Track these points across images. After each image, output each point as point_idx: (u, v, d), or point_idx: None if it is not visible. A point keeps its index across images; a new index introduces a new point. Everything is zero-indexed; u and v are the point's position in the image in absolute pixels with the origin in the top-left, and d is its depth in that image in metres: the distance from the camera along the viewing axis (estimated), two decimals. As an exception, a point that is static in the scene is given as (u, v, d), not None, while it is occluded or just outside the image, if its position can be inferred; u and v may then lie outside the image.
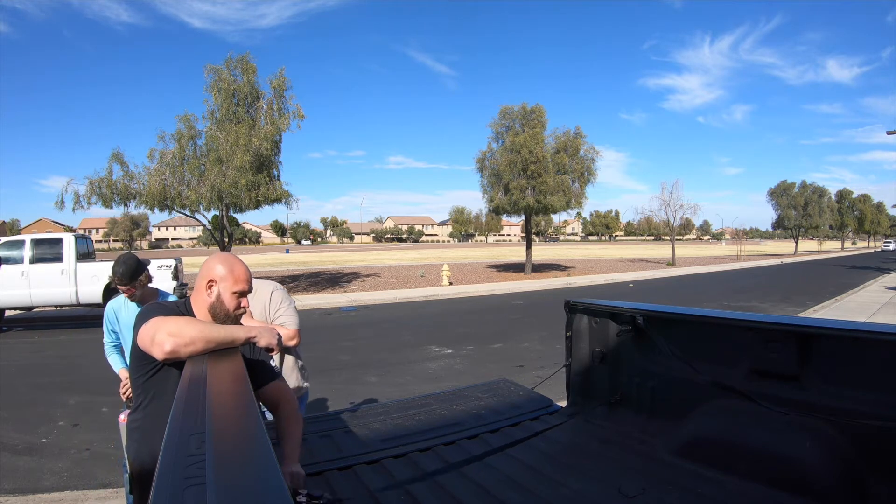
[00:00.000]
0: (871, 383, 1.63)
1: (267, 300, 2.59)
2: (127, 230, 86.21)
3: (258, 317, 2.52)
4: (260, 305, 2.58)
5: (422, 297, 14.83)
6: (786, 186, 47.26)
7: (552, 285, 17.76)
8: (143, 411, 1.55)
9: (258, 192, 14.14)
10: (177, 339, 1.35)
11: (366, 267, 27.49)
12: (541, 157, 19.36)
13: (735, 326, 2.06)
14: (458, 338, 8.74)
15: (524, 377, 5.62)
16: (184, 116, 14.27)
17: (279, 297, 2.63)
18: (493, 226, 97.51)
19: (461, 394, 2.88)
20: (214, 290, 1.57)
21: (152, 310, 1.51)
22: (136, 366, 1.53)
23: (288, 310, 2.62)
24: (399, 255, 44.52)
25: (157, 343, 1.35)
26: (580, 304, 2.69)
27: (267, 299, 2.59)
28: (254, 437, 0.84)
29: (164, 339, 1.34)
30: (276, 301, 2.61)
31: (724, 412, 1.98)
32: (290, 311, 2.63)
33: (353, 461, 2.00)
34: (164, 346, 1.34)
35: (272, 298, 2.60)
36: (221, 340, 1.40)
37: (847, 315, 10.43)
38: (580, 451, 2.13)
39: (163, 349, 1.34)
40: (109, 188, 13.47)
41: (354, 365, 7.07)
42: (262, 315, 2.55)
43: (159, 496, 0.66)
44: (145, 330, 1.41)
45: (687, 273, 24.16)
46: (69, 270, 10.12)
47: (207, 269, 1.60)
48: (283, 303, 2.62)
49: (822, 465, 1.64)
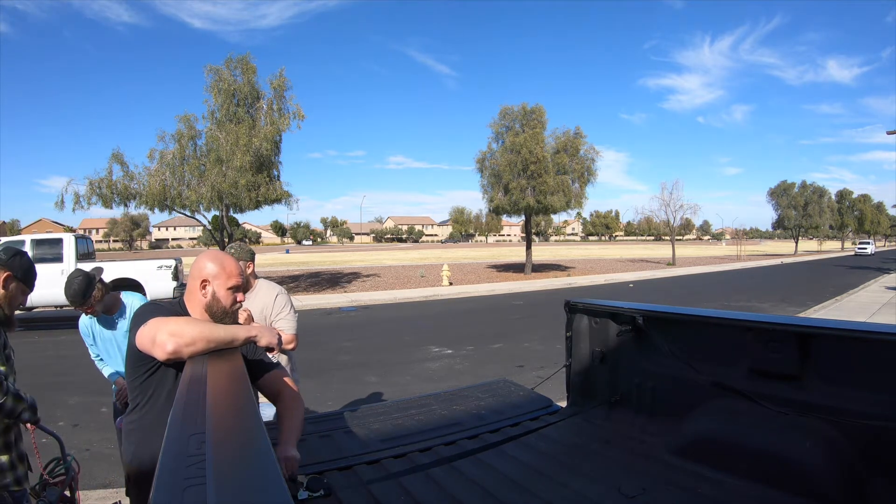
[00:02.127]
0: (871, 383, 1.63)
1: (270, 302, 2.61)
2: (127, 230, 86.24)
3: (257, 318, 2.52)
4: (260, 306, 2.58)
5: (422, 297, 14.83)
6: (786, 186, 47.28)
7: (552, 285, 17.76)
8: (139, 412, 1.54)
9: (258, 192, 14.15)
10: (178, 339, 1.34)
11: (366, 267, 27.49)
12: (541, 157, 19.37)
13: (735, 326, 2.06)
14: (458, 338, 8.73)
15: (524, 377, 5.62)
16: (184, 117, 14.29)
17: (282, 302, 2.65)
18: (493, 226, 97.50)
19: (461, 394, 2.88)
20: (209, 289, 1.56)
21: (150, 310, 1.50)
22: (134, 367, 1.52)
23: (288, 315, 2.64)
24: (399, 255, 44.53)
25: (158, 344, 1.34)
26: (580, 304, 2.69)
27: (270, 302, 2.61)
28: (254, 437, 0.84)
29: (166, 340, 1.33)
30: (280, 305, 2.63)
31: (724, 412, 1.98)
32: (290, 317, 2.64)
33: (353, 461, 2.00)
34: (165, 347, 1.33)
35: (276, 302, 2.63)
36: (222, 340, 1.40)
37: (847, 315, 10.43)
38: (580, 451, 2.13)
39: (164, 350, 1.33)
40: (109, 188, 13.48)
41: (354, 365, 7.07)
42: (262, 316, 2.56)
43: (159, 496, 0.66)
44: (145, 331, 1.40)
45: (687, 273, 24.16)
46: (69, 271, 10.12)
47: (198, 269, 1.58)
48: (286, 308, 2.64)
49: (822, 465, 1.64)
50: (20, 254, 1.89)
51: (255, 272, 2.70)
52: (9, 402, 1.76)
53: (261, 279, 2.76)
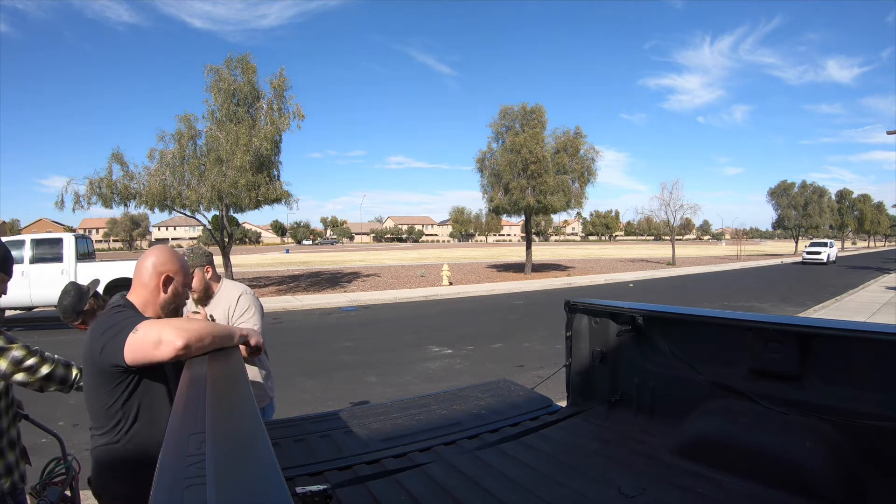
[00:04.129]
0: (871, 383, 1.63)
1: (233, 303, 2.51)
2: (127, 230, 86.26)
3: (220, 319, 2.46)
4: (224, 307, 2.50)
5: (422, 297, 14.83)
6: (786, 186, 47.26)
7: (552, 285, 17.76)
8: (124, 434, 1.43)
9: (258, 192, 14.14)
10: (188, 335, 1.29)
11: (366, 267, 27.48)
12: (541, 157, 19.36)
13: (735, 326, 2.06)
14: (458, 338, 8.73)
15: (524, 377, 5.62)
16: (184, 116, 14.27)
17: (246, 302, 2.53)
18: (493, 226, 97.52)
19: (461, 394, 2.88)
20: (171, 286, 1.53)
21: (121, 318, 1.39)
22: (110, 386, 1.40)
23: (252, 316, 2.51)
24: (399, 255, 44.51)
25: (166, 342, 1.28)
26: (580, 304, 2.69)
27: (233, 303, 2.51)
28: (254, 437, 0.84)
29: (175, 336, 1.28)
30: (243, 305, 2.52)
31: (724, 412, 1.98)
32: (254, 319, 2.50)
33: (353, 461, 2.00)
34: (176, 343, 1.27)
35: (239, 302, 2.52)
36: (225, 337, 1.39)
37: (847, 315, 10.43)
38: (580, 451, 2.13)
39: (174, 347, 1.27)
40: (109, 188, 13.47)
41: (354, 365, 7.07)
42: (225, 318, 2.48)
43: (159, 496, 0.66)
44: (140, 337, 1.31)
45: (687, 273, 24.16)
46: (69, 270, 10.12)
47: (160, 265, 1.54)
48: (250, 309, 2.52)
49: (822, 465, 1.64)
50: None
51: (215, 275, 2.59)
52: (59, 370, 1.79)
53: (225, 280, 2.65)
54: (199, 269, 2.50)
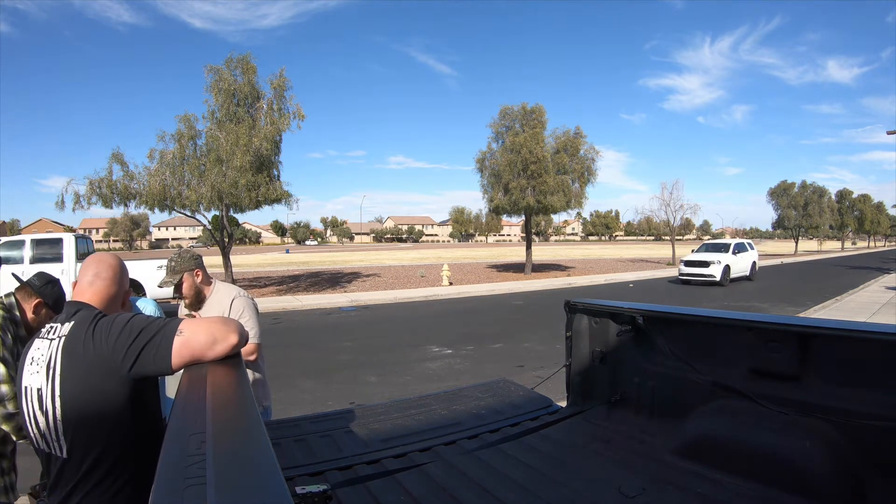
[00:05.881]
0: (871, 383, 1.63)
1: (227, 307, 2.44)
2: (127, 230, 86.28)
3: None
4: (217, 312, 2.44)
5: (422, 297, 14.83)
6: (786, 186, 47.21)
7: (552, 285, 17.76)
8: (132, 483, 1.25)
9: (258, 192, 14.13)
10: (233, 328, 1.22)
11: (366, 267, 27.48)
12: (541, 157, 19.35)
13: (735, 326, 2.06)
14: (458, 338, 8.73)
15: (524, 377, 5.62)
16: (184, 116, 14.26)
17: (240, 306, 2.46)
18: (493, 226, 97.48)
19: (461, 394, 2.88)
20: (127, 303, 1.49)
21: (141, 319, 1.26)
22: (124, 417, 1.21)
23: (249, 321, 2.42)
24: (399, 255, 44.51)
25: (221, 340, 1.20)
26: (580, 304, 2.69)
27: (227, 306, 2.44)
28: (254, 437, 0.84)
29: (227, 332, 1.20)
30: (237, 309, 2.44)
31: (724, 412, 1.98)
32: (250, 323, 2.42)
33: (353, 461, 2.00)
34: (231, 340, 1.20)
35: (233, 306, 2.45)
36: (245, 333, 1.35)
37: (847, 315, 10.43)
38: (580, 451, 2.13)
39: (230, 343, 1.20)
40: (109, 188, 13.46)
41: (354, 365, 7.07)
42: None
43: (159, 496, 0.66)
44: (188, 340, 1.19)
45: (687, 273, 24.11)
46: (69, 270, 10.12)
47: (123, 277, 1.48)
48: (245, 314, 2.44)
49: (822, 465, 1.64)
50: (52, 282, 1.99)
51: (206, 278, 2.50)
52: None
53: (218, 282, 2.56)
54: (188, 274, 2.42)
